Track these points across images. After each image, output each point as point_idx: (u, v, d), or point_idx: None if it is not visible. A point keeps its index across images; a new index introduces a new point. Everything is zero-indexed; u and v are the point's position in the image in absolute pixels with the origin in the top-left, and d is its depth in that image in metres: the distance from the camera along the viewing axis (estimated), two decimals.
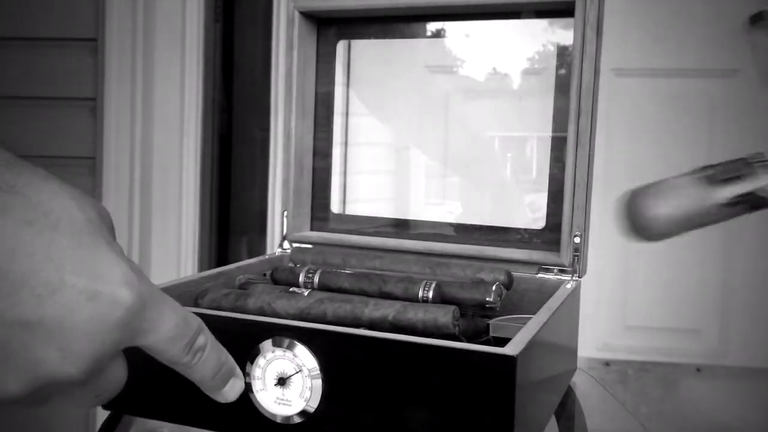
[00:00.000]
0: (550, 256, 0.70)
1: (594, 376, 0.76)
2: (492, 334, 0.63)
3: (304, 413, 0.48)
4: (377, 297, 0.60)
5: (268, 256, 0.77)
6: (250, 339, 0.49)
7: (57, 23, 1.45)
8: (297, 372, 0.48)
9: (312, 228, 0.83)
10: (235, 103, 1.82)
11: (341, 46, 0.82)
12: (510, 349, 0.43)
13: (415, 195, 0.84)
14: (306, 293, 0.59)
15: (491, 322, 0.63)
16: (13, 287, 0.26)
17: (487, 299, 0.60)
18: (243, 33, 1.78)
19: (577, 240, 0.67)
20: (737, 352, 1.40)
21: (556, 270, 0.69)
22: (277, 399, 0.49)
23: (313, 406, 0.48)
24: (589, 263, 0.70)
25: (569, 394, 0.68)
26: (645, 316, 1.43)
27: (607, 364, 1.44)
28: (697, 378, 1.42)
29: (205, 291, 0.60)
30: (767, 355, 1.38)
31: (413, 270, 0.70)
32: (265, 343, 0.49)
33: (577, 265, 0.68)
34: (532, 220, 0.74)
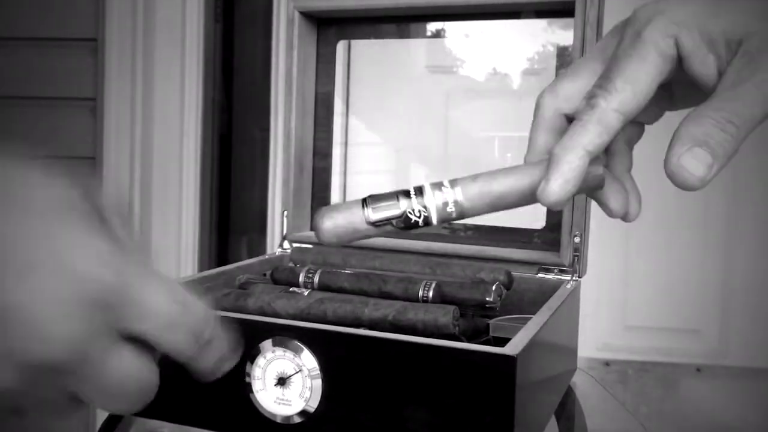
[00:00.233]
0: (550, 256, 0.70)
1: (594, 376, 0.76)
2: (492, 334, 0.63)
3: (304, 413, 0.48)
4: (377, 297, 0.60)
5: (268, 256, 0.77)
6: (250, 339, 0.49)
7: (57, 23, 1.45)
8: (297, 372, 0.48)
9: (312, 228, 0.83)
10: (235, 103, 1.82)
11: (341, 46, 0.82)
12: (510, 349, 0.43)
13: None
14: (306, 293, 0.59)
15: (491, 322, 0.63)
16: None
17: (487, 299, 0.60)
18: (243, 33, 1.78)
19: (577, 240, 0.67)
20: (737, 352, 1.40)
21: (556, 270, 0.69)
22: (277, 399, 0.49)
23: (313, 406, 0.48)
24: (589, 263, 0.70)
25: (569, 394, 0.68)
26: (645, 316, 1.42)
27: (607, 364, 1.44)
28: (697, 378, 1.42)
29: (205, 291, 0.60)
30: (767, 355, 1.38)
31: (413, 270, 0.70)
32: (265, 343, 0.49)
33: (577, 265, 0.68)
34: (532, 220, 0.74)
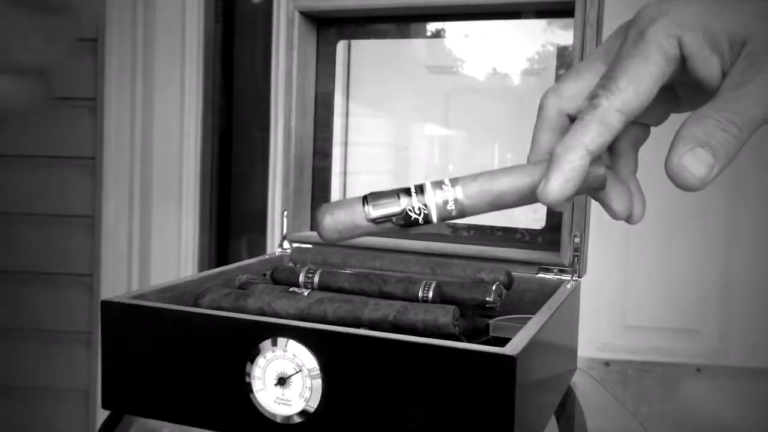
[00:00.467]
0: (550, 256, 0.70)
1: (594, 376, 0.76)
2: (492, 334, 0.63)
3: (304, 413, 0.48)
4: (377, 297, 0.60)
5: (268, 256, 0.77)
6: (250, 339, 0.49)
7: None
8: (297, 372, 0.48)
9: (312, 228, 0.83)
10: (235, 103, 1.81)
11: (341, 46, 0.82)
12: (510, 349, 0.43)
13: None
14: (306, 293, 0.59)
15: (491, 322, 0.63)
16: None
17: (487, 299, 0.60)
18: (243, 33, 1.78)
19: (577, 240, 0.67)
20: (737, 352, 1.40)
21: (556, 270, 0.69)
22: (277, 399, 0.49)
23: (313, 406, 0.48)
24: (589, 263, 0.70)
25: (569, 394, 0.68)
26: (645, 316, 1.42)
27: (607, 364, 1.44)
28: (697, 378, 1.42)
29: (205, 291, 0.60)
30: (767, 355, 1.38)
31: (413, 270, 0.70)
32: (265, 343, 0.49)
33: (577, 265, 0.68)
34: (532, 220, 0.74)
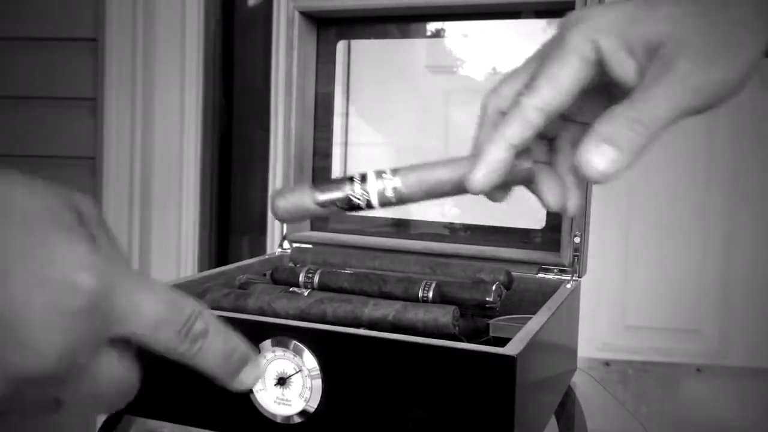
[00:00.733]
0: (550, 256, 0.70)
1: (594, 376, 0.76)
2: (492, 334, 0.63)
3: (304, 413, 0.48)
4: (377, 297, 0.60)
5: (268, 256, 0.77)
6: (250, 339, 0.49)
7: (57, 23, 1.45)
8: (297, 372, 0.48)
9: (312, 228, 0.83)
10: (235, 103, 1.81)
11: (341, 46, 0.82)
12: (510, 349, 0.43)
13: None
14: (306, 293, 0.59)
15: (491, 322, 0.63)
16: None
17: (487, 299, 0.60)
18: (243, 33, 1.78)
19: (577, 240, 0.67)
20: (737, 352, 1.40)
21: (556, 270, 0.69)
22: (277, 399, 0.49)
23: (313, 406, 0.48)
24: (589, 263, 0.70)
25: (569, 394, 0.68)
26: (645, 316, 1.42)
27: (607, 364, 1.44)
28: (697, 378, 1.42)
29: (205, 291, 0.60)
30: (767, 355, 1.38)
31: (413, 270, 0.70)
32: (265, 343, 0.49)
33: (577, 265, 0.68)
34: (532, 220, 0.74)
